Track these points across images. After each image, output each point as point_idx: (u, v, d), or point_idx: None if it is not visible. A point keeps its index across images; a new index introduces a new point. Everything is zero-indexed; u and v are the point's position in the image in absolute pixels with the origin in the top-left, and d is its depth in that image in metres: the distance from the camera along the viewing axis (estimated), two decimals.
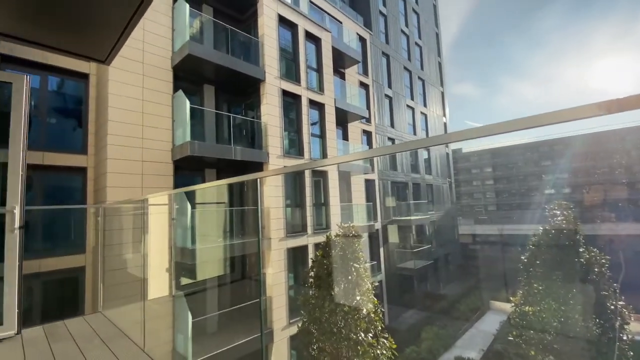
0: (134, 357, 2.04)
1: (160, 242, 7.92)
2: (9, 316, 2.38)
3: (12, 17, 2.55)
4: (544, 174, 46.42)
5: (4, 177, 2.48)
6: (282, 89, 11.06)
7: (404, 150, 1.17)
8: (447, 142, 1.07)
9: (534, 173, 47.81)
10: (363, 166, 15.49)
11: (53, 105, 8.49)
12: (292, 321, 9.98)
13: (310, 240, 11.30)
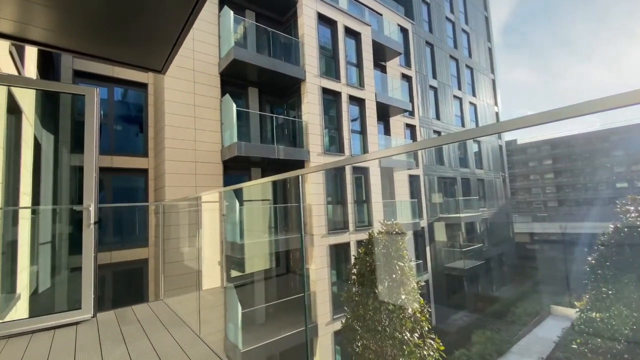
0: (191, 342, 2.22)
1: (212, 237, 8.46)
2: (86, 301, 2.73)
3: (83, 37, 2.88)
4: (614, 166, 40.93)
5: (80, 179, 2.83)
6: (322, 87, 11.12)
7: (451, 142, 1.11)
8: (499, 132, 0.99)
9: (603, 165, 42.38)
10: (406, 161, 15.01)
11: (119, 114, 9.48)
12: (335, 317, 10.06)
13: (351, 237, 11.26)
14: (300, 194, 2.16)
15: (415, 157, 16.77)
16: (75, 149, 4.90)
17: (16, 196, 3.31)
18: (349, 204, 11.28)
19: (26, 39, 2.87)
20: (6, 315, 2.93)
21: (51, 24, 2.65)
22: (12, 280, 3.24)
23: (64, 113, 4.55)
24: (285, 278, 10.79)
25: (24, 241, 3.39)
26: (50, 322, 2.57)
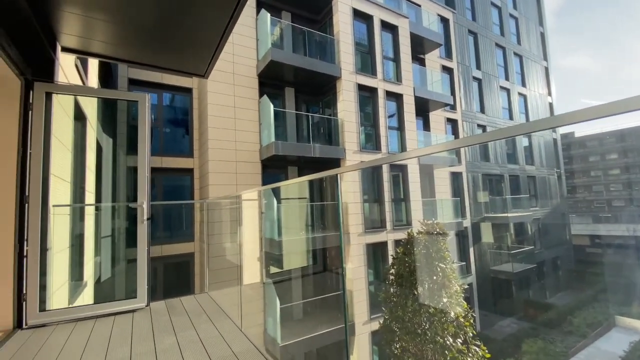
0: (233, 334, 2.32)
1: (252, 234, 8.78)
2: (141, 291, 2.97)
3: (136, 48, 3.13)
4: None
5: (135, 179, 3.09)
6: (357, 83, 11.00)
7: (498, 139, 1.04)
8: (554, 127, 0.90)
9: None
10: (448, 158, 14.33)
11: (167, 117, 10.19)
12: (373, 317, 9.94)
13: (389, 236, 11.03)
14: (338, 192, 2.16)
15: (457, 154, 15.95)
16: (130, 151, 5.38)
17: (82, 194, 3.70)
18: (386, 203, 11.06)
19: (89, 52, 3.18)
20: (75, 301, 3.29)
21: (110, 38, 2.91)
22: (80, 269, 3.64)
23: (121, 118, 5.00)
24: (322, 276, 10.87)
25: (89, 235, 3.79)
26: (111, 309, 2.85)
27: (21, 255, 2.48)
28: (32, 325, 2.52)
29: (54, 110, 2.76)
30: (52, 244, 2.70)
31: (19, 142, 2.52)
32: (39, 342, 2.26)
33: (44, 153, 2.61)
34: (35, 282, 2.52)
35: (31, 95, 2.60)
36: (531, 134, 18.31)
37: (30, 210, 2.52)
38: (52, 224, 2.69)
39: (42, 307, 2.58)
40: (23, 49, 2.50)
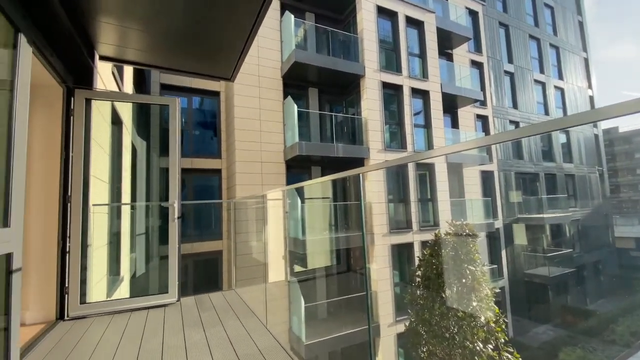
0: (258, 331, 2.36)
1: (277, 233, 8.91)
2: (172, 287, 3.11)
3: (167, 54, 3.26)
4: None
5: (166, 179, 3.23)
6: (382, 81, 10.84)
7: (532, 135, 0.97)
8: (594, 121, 0.83)
9: None
10: (478, 156, 13.76)
11: (196, 120, 10.57)
12: (398, 319, 9.76)
13: (415, 237, 10.77)
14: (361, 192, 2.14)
15: (488, 151, 15.28)
16: (162, 152, 5.65)
17: (119, 194, 3.93)
18: (412, 203, 10.81)
19: (124, 60, 3.37)
20: (113, 294, 3.50)
21: (143, 45, 3.06)
22: (117, 265, 3.86)
23: (154, 122, 5.27)
24: (346, 276, 10.83)
25: (125, 232, 4.01)
26: (145, 303, 2.99)
27: (64, 251, 2.67)
28: (73, 317, 2.70)
29: (93, 115, 2.94)
30: (92, 240, 2.89)
31: (62, 146, 2.71)
32: (79, 333, 2.42)
33: (84, 156, 2.79)
34: (76, 276, 2.71)
35: (72, 101, 2.79)
36: (569, 129, 17.18)
37: (72, 209, 2.71)
38: (92, 222, 2.88)
39: (83, 300, 2.76)
40: (64, 59, 2.69)
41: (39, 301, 2.60)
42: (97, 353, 2.07)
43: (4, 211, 1.84)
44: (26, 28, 2.00)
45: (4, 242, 1.79)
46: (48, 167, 2.65)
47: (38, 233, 2.60)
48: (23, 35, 1.97)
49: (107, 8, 2.42)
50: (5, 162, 1.85)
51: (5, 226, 1.82)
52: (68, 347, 2.17)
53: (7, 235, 1.82)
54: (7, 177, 1.84)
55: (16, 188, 1.90)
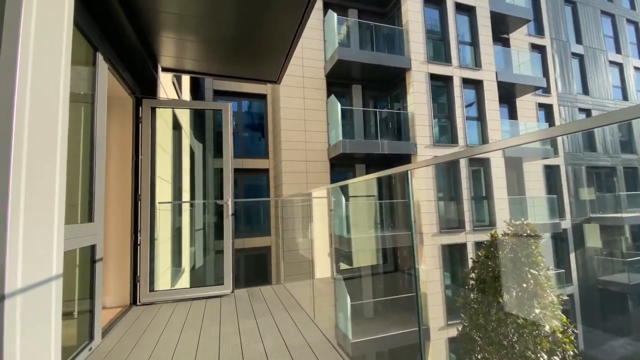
0: (306, 325, 2.43)
1: (322, 230, 9.03)
2: (227, 279, 3.32)
3: (219, 62, 3.48)
4: None
5: (220, 179, 3.46)
6: (429, 73, 10.37)
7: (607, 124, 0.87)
8: None
9: None
10: (541, 149, 12.50)
11: (246, 123, 11.14)
12: (449, 323, 9.30)
13: (468, 238, 10.15)
14: (409, 190, 2.05)
15: (553, 144, 13.79)
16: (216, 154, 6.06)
17: (180, 193, 4.30)
18: (465, 201, 10.19)
19: (182, 70, 3.67)
20: (176, 284, 3.85)
21: (198, 55, 3.31)
22: (179, 257, 4.24)
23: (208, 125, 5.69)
24: (393, 276, 10.59)
25: (185, 227, 4.39)
26: (203, 293, 3.25)
27: (136, 244, 3.00)
28: (143, 303, 3.03)
29: (157, 122, 3.26)
30: (158, 234, 3.21)
31: (133, 150, 3.05)
32: (149, 317, 2.71)
33: (151, 158, 3.11)
34: (146, 267, 3.03)
35: (140, 110, 3.12)
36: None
37: (142, 206, 3.04)
38: (158, 218, 3.20)
39: (151, 288, 3.08)
40: (133, 72, 3.01)
41: (116, 287, 2.97)
42: (165, 336, 2.30)
43: (89, 208, 2.12)
44: (102, 47, 2.28)
45: (89, 235, 2.08)
46: (122, 169, 3.00)
47: (114, 228, 2.96)
48: (100, 54, 2.25)
49: (168, 23, 2.66)
50: (89, 165, 2.13)
51: (90, 221, 2.11)
52: (140, 329, 2.44)
53: (92, 229, 2.10)
54: (91, 178, 2.13)
55: (98, 187, 2.18)
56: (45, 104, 1.39)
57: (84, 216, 2.06)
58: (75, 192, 1.99)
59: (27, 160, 1.25)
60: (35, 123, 1.30)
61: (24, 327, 1.24)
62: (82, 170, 2.05)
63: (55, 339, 1.47)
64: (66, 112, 1.55)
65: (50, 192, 1.43)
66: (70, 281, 1.99)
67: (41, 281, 1.36)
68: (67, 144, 1.56)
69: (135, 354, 2.02)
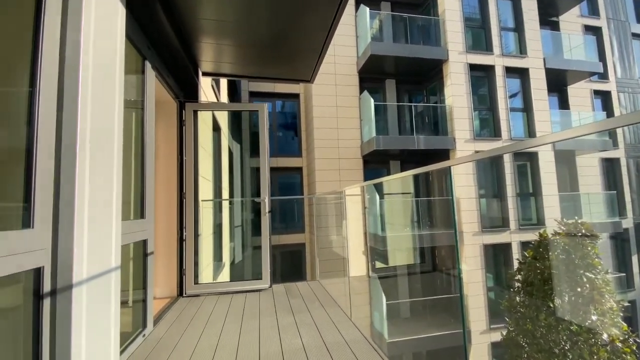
0: (343, 322, 2.44)
1: (356, 228, 8.98)
2: (265, 274, 3.43)
3: (254, 64, 3.58)
4: None
5: (257, 177, 3.56)
6: (468, 63, 9.84)
7: None
8: None
9: None
10: (598, 141, 11.36)
11: (279, 122, 11.37)
12: (492, 326, 8.81)
13: (513, 237, 9.53)
14: (452, 187, 1.95)
15: (612, 135, 12.47)
16: (252, 154, 6.26)
17: (220, 191, 4.51)
18: (509, 198, 9.57)
19: (220, 73, 3.82)
20: (218, 277, 4.04)
21: (234, 58, 3.43)
22: (220, 252, 4.45)
23: (245, 126, 5.89)
24: (431, 276, 10.25)
25: (225, 224, 4.59)
26: (243, 287, 3.38)
27: (181, 239, 3.20)
28: (189, 295, 3.22)
29: (199, 124, 3.43)
30: (201, 230, 3.39)
31: (177, 151, 3.24)
32: (194, 308, 2.87)
33: (194, 159, 3.29)
34: (191, 261, 3.22)
35: (183, 113, 3.30)
36: None
37: (186, 204, 3.23)
38: (201, 215, 3.38)
39: (196, 281, 3.26)
40: (177, 78, 3.20)
41: (164, 280, 3.18)
42: (209, 326, 2.43)
43: (141, 205, 2.30)
44: (150, 56, 2.45)
45: (141, 231, 2.25)
46: (168, 169, 3.21)
47: (162, 224, 3.17)
48: (148, 62, 2.41)
49: (207, 30, 2.79)
50: (140, 166, 2.30)
51: (142, 217, 2.28)
52: (187, 319, 2.60)
53: (143, 225, 2.27)
54: (142, 177, 2.29)
55: (148, 186, 2.35)
56: (103, 109, 1.52)
57: (136, 213, 2.24)
58: (128, 190, 2.16)
59: (90, 161, 1.39)
60: (95, 127, 1.44)
61: (88, 312, 1.38)
62: (134, 170, 2.22)
63: (115, 324, 1.61)
64: (121, 117, 1.69)
65: (109, 191, 1.56)
66: (125, 273, 2.17)
67: (103, 272, 1.50)
68: (122, 146, 1.70)
69: (183, 343, 2.15)
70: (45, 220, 1.21)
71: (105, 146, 1.52)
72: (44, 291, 1.22)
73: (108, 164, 1.55)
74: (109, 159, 1.55)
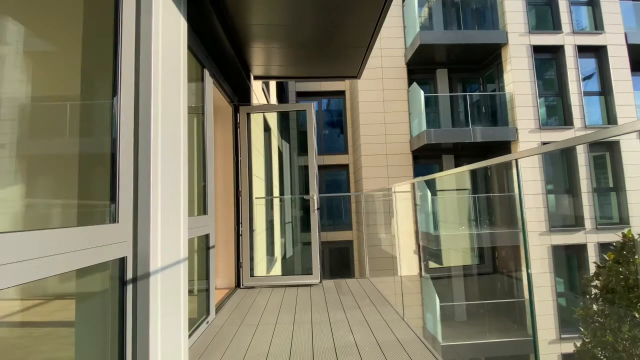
0: (395, 322, 2.39)
1: (406, 226, 8.70)
2: (315, 269, 3.50)
3: (301, 64, 3.65)
4: None
5: (305, 175, 3.65)
6: (532, 45, 8.91)
7: None
8: None
9: None
10: None
11: (325, 120, 11.46)
12: (563, 336, 7.95)
13: (589, 237, 8.44)
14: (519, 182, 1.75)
15: None
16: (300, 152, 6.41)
17: (271, 189, 4.70)
18: (584, 194, 8.49)
19: (270, 76, 3.97)
20: (271, 270, 4.23)
21: (283, 60, 3.54)
22: (272, 247, 4.64)
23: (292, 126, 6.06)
24: (490, 278, 9.54)
25: (276, 220, 4.78)
26: (294, 281, 3.49)
27: (238, 234, 3.40)
28: (245, 286, 3.41)
29: (252, 126, 3.61)
30: (255, 226, 3.57)
31: (233, 152, 3.45)
32: (251, 299, 3.04)
33: (248, 159, 3.48)
34: (247, 255, 3.41)
35: (238, 116, 3.50)
36: None
37: (242, 201, 3.42)
38: (255, 212, 3.56)
39: (251, 274, 3.45)
40: (232, 83, 3.39)
41: (224, 272, 3.42)
42: (265, 316, 2.56)
43: (203, 203, 2.49)
44: (208, 64, 2.63)
45: (204, 226, 2.44)
46: (226, 168, 3.43)
47: (221, 220, 3.40)
48: (206, 70, 2.60)
49: (257, 35, 2.92)
50: (203, 167, 2.49)
51: (205, 214, 2.47)
52: (245, 308, 2.77)
53: (206, 220, 2.46)
54: (204, 177, 2.48)
55: (209, 185, 2.54)
56: (171, 115, 1.68)
57: (199, 210, 2.43)
58: (192, 189, 2.36)
59: (161, 163, 1.54)
60: (165, 132, 1.59)
61: (162, 298, 1.54)
62: (196, 170, 2.42)
63: (184, 310, 1.78)
64: (185, 122, 1.85)
65: (177, 190, 1.72)
66: (191, 265, 2.38)
67: (173, 262, 1.66)
68: (187, 149, 1.86)
69: (243, 331, 2.30)
70: (127, 215, 1.38)
71: (173, 149, 1.68)
72: (127, 278, 1.39)
73: (176, 165, 1.71)
74: (176, 161, 1.71)
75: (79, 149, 1.34)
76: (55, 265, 0.95)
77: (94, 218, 1.34)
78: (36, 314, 1.18)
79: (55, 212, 1.27)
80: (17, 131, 1.15)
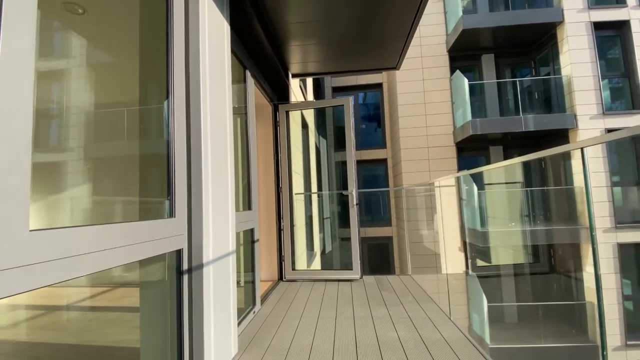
0: (440, 320, 2.32)
1: (450, 222, 8.31)
2: (355, 265, 3.50)
3: (337, 59, 3.63)
4: None
5: (343, 171, 3.64)
6: (592, 22, 7.98)
7: None
8: None
9: None
10: None
11: (362, 114, 11.30)
12: (629, 343, 7.15)
13: None
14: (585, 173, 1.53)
15: None
16: (337, 148, 6.40)
17: (309, 184, 4.76)
18: None
19: (307, 73, 4.01)
20: (311, 265, 4.30)
21: (318, 57, 3.55)
22: (312, 242, 4.72)
23: (329, 122, 6.05)
24: (545, 278, 8.81)
25: (315, 215, 4.84)
26: (335, 276, 3.53)
27: (280, 229, 3.51)
28: (287, 279, 3.51)
29: (290, 123, 3.68)
30: (295, 221, 3.66)
31: (274, 149, 3.55)
32: (293, 291, 3.13)
33: (287, 155, 3.56)
34: (288, 249, 3.51)
35: (277, 115, 3.59)
36: None
37: (282, 197, 3.52)
38: (295, 207, 3.64)
39: (293, 267, 3.54)
40: (271, 82, 3.48)
41: (267, 264, 3.55)
42: (307, 310, 2.62)
43: (248, 198, 2.60)
44: (250, 65, 2.73)
45: (249, 221, 2.55)
46: (267, 165, 3.55)
47: (264, 215, 3.53)
48: (248, 71, 2.69)
49: (294, 33, 2.96)
50: (247, 164, 2.60)
51: (249, 209, 2.58)
52: (288, 300, 2.86)
53: (251, 215, 2.57)
54: (248, 174, 2.59)
55: (253, 182, 2.64)
56: (218, 116, 1.77)
57: (245, 205, 2.55)
58: (237, 185, 2.47)
59: (211, 161, 1.64)
60: (213, 132, 1.68)
61: (214, 288, 1.64)
62: (241, 168, 2.53)
63: (233, 300, 1.88)
64: (231, 121, 1.94)
65: (225, 186, 1.82)
66: (237, 257, 2.50)
67: (223, 255, 1.77)
68: (232, 148, 1.95)
69: (287, 322, 2.38)
70: (182, 211, 1.49)
71: (220, 148, 1.77)
72: (183, 268, 1.50)
73: (223, 164, 1.80)
74: (223, 159, 1.81)
75: (139, 150, 1.47)
76: (120, 257, 1.06)
77: (154, 213, 1.47)
78: (104, 299, 1.32)
79: (120, 208, 1.41)
80: (85, 136, 1.29)
